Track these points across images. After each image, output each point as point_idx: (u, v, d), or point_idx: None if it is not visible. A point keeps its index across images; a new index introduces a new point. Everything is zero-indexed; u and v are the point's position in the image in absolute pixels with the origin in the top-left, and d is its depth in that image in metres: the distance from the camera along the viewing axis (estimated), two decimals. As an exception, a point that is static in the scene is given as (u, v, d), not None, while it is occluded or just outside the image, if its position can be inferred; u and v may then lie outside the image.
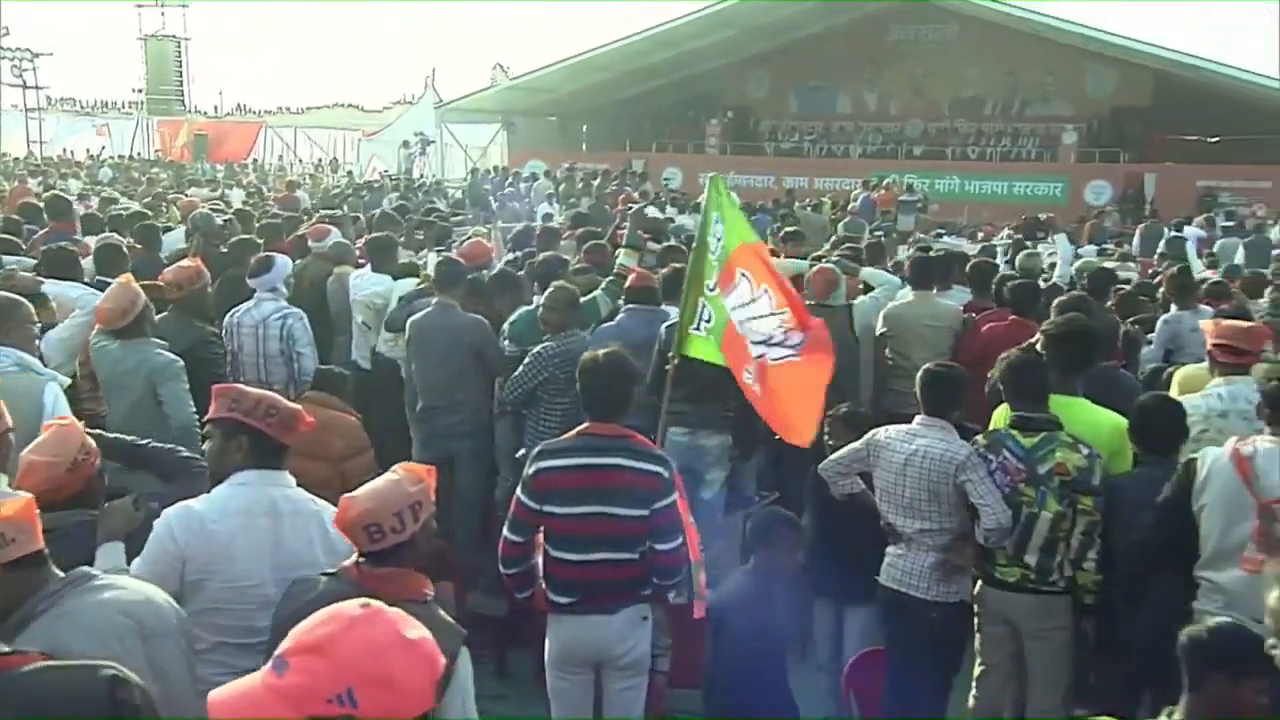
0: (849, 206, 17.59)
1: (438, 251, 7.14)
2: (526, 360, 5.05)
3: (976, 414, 4.38)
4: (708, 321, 4.15)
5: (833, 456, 4.13)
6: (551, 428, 4.76)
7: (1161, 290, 7.03)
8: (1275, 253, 14.12)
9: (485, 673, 3.81)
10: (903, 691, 3.92)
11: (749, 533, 3.69)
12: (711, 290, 4.17)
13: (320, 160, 31.07)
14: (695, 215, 16.84)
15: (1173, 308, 6.28)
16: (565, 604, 3.41)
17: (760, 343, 4.01)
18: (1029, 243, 10.89)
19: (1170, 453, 3.59)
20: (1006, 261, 9.66)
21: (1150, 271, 10.52)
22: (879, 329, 6.15)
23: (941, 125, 27.33)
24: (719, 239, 4.17)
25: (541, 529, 3.45)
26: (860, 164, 25.24)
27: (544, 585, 3.47)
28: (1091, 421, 3.91)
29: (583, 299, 5.53)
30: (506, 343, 5.46)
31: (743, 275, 4.05)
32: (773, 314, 4.01)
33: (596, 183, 19.04)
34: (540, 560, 3.48)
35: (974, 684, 3.99)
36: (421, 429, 5.51)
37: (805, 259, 7.12)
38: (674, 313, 5.32)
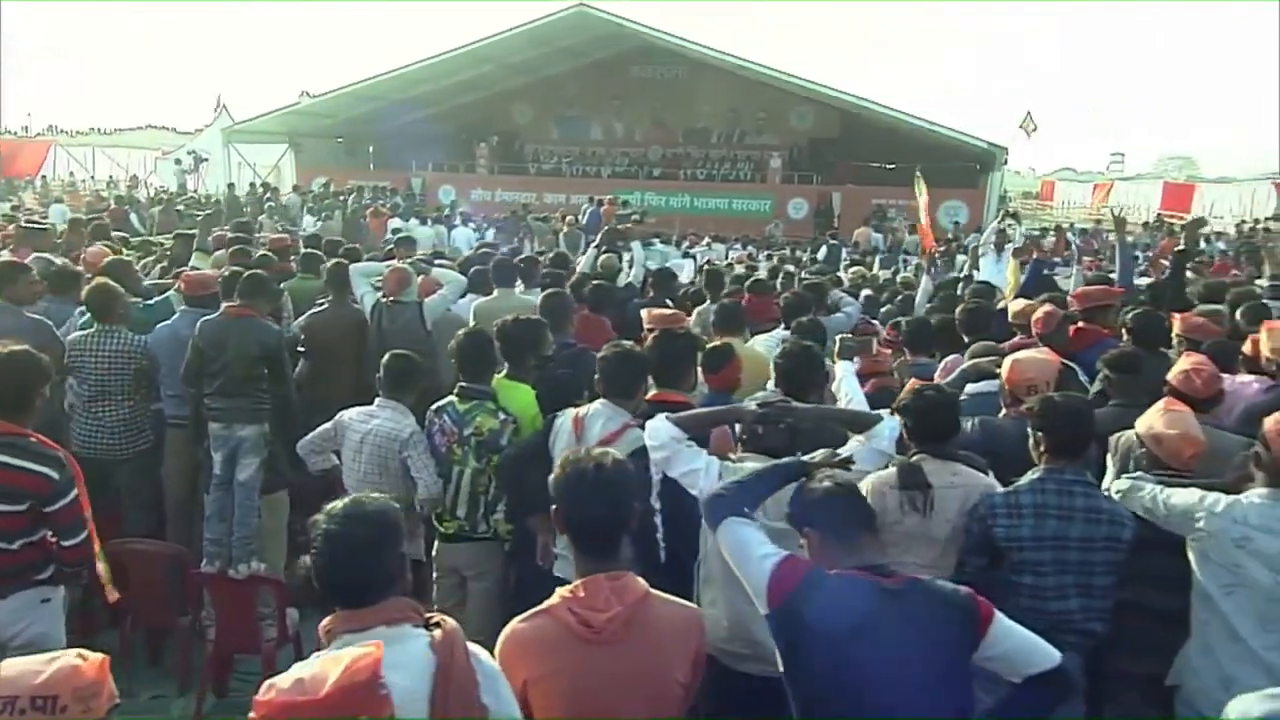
0: (573, 218, 17.73)
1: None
2: None
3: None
4: None
5: (308, 436, 4.00)
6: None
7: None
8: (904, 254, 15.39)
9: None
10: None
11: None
12: None
13: (112, 178, 28.43)
14: (437, 226, 16.59)
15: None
16: None
17: None
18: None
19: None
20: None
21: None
22: (471, 320, 6.10)
23: (677, 151, 28.00)
24: None
25: None
26: (609, 183, 25.43)
27: None
28: (524, 400, 3.97)
29: (158, 299, 5.21)
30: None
31: None
32: None
33: (351, 197, 18.28)
34: None
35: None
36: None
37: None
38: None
